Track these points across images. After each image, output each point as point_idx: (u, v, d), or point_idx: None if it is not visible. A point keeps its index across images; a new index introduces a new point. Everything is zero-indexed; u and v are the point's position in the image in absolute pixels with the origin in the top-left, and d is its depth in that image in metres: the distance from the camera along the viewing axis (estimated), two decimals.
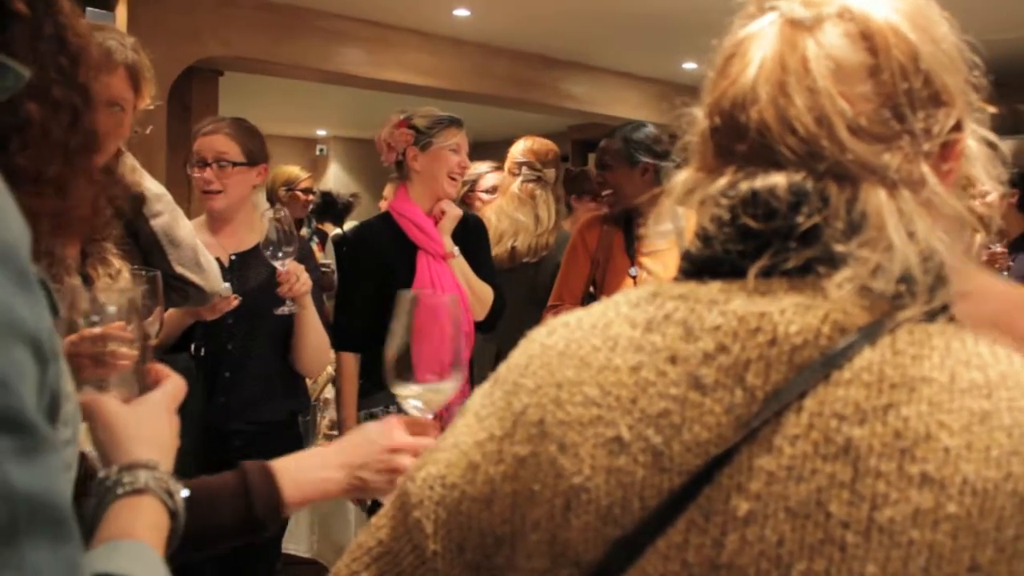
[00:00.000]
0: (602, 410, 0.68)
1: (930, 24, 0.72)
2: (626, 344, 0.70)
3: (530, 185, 3.55)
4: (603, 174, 2.95)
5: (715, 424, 0.65)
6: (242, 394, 2.56)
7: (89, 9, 3.93)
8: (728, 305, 0.69)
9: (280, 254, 2.38)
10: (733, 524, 0.64)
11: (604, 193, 2.98)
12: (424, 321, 1.27)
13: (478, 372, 3.33)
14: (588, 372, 0.70)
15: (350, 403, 2.84)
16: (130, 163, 1.97)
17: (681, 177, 0.77)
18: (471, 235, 2.95)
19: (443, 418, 2.79)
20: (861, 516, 0.61)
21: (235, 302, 2.38)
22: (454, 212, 2.85)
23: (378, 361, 2.82)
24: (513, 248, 3.48)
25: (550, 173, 3.57)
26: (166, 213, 1.98)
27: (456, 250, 2.83)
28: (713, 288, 0.71)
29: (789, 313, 0.67)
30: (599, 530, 0.67)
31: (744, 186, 0.70)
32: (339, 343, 2.81)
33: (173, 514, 0.86)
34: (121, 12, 4.04)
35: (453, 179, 2.84)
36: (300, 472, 1.10)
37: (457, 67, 5.81)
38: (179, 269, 2.01)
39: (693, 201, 0.74)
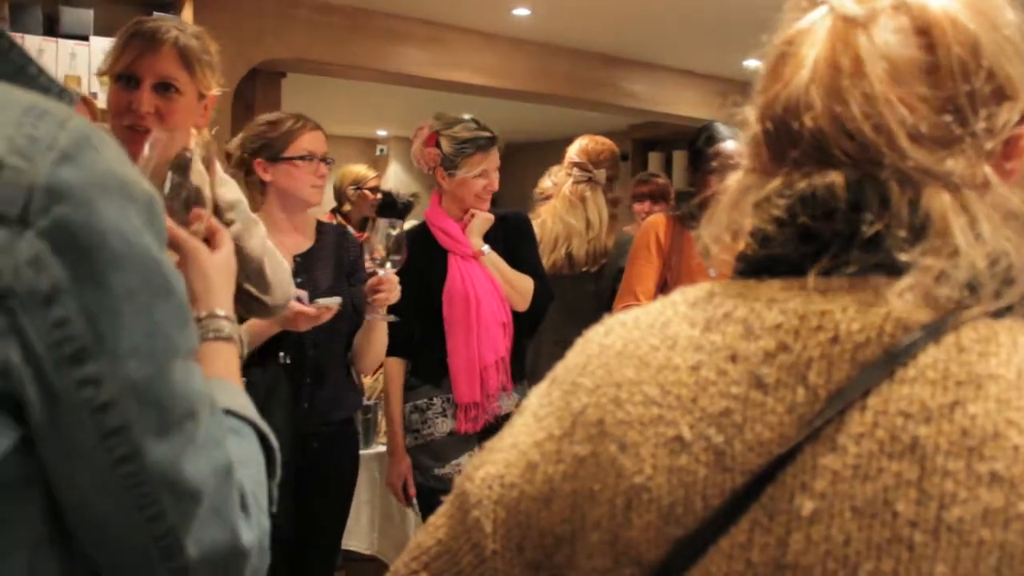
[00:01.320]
0: (662, 409, 0.68)
1: (993, 9, 0.69)
2: (685, 343, 0.70)
3: (580, 187, 3.52)
4: (708, 175, 2.85)
5: (777, 423, 0.65)
6: (322, 398, 2.61)
7: (156, 13, 4.00)
8: (788, 304, 0.68)
9: (388, 263, 2.46)
10: (798, 523, 0.63)
11: (705, 194, 2.87)
12: None
13: (542, 376, 3.33)
14: (648, 372, 0.70)
15: (395, 403, 2.94)
16: (198, 167, 1.92)
17: (735, 178, 0.76)
18: (511, 232, 3.00)
19: (486, 417, 2.84)
20: (929, 515, 0.60)
21: (336, 308, 2.41)
22: (483, 215, 2.89)
23: (421, 359, 2.91)
24: (569, 255, 3.46)
25: (601, 174, 3.52)
26: (238, 222, 1.92)
27: (486, 248, 2.87)
28: (772, 287, 0.70)
29: (851, 311, 0.66)
30: (661, 529, 0.66)
31: (801, 185, 0.69)
32: (387, 349, 2.90)
33: (241, 357, 1.11)
34: (187, 16, 4.11)
35: (480, 198, 2.87)
36: None
37: (516, 66, 5.81)
38: (244, 284, 1.95)
39: (748, 202, 0.73)
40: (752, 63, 6.58)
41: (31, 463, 0.68)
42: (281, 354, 2.51)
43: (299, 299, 2.35)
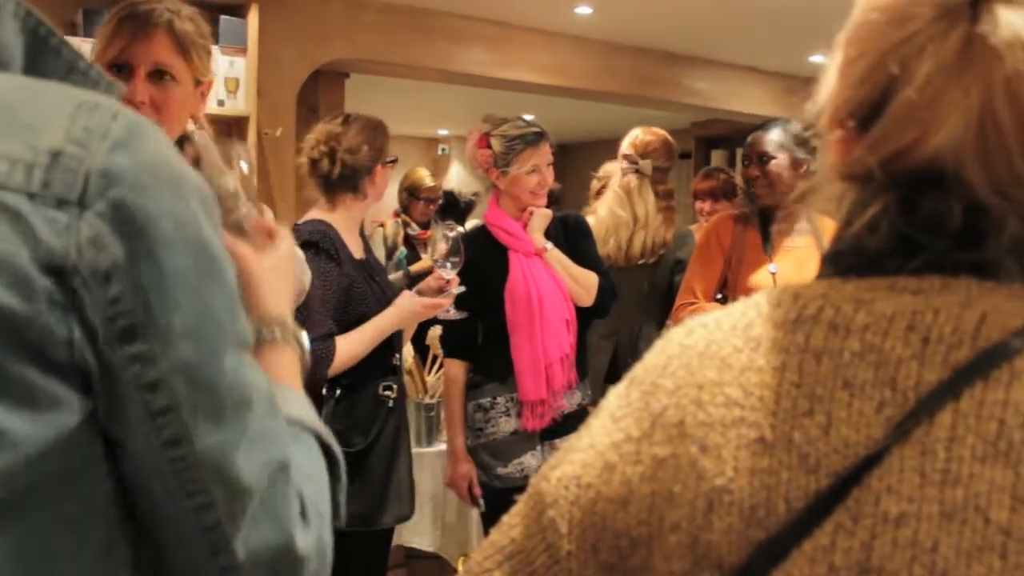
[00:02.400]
0: (745, 411, 0.67)
1: None
2: (769, 345, 0.68)
3: (626, 179, 3.52)
4: (762, 166, 2.87)
5: (864, 425, 0.63)
6: None
7: (223, 17, 4.06)
8: (875, 304, 0.66)
9: (448, 264, 2.56)
10: (883, 527, 0.61)
11: (757, 187, 2.88)
12: None
13: (592, 370, 3.34)
14: (730, 373, 0.69)
15: (456, 406, 2.98)
16: (208, 157, 1.86)
17: (827, 184, 0.74)
18: (571, 232, 3.03)
19: (552, 414, 2.86)
20: (1023, 524, 0.58)
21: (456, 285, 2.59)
22: (542, 211, 2.93)
23: (485, 358, 2.98)
24: (624, 247, 3.46)
25: (647, 164, 3.49)
26: (241, 210, 1.92)
27: (549, 244, 2.90)
28: (859, 287, 0.68)
29: (944, 312, 0.64)
30: (743, 532, 0.65)
31: (909, 200, 0.66)
32: (446, 350, 2.95)
33: (302, 359, 1.07)
34: (253, 19, 4.16)
35: (535, 194, 2.91)
36: None
37: (578, 65, 5.80)
38: None
39: (843, 209, 0.71)
40: (818, 58, 6.48)
41: (101, 441, 0.70)
42: (396, 355, 2.61)
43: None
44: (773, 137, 2.86)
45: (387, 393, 2.53)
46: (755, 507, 0.65)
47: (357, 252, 2.60)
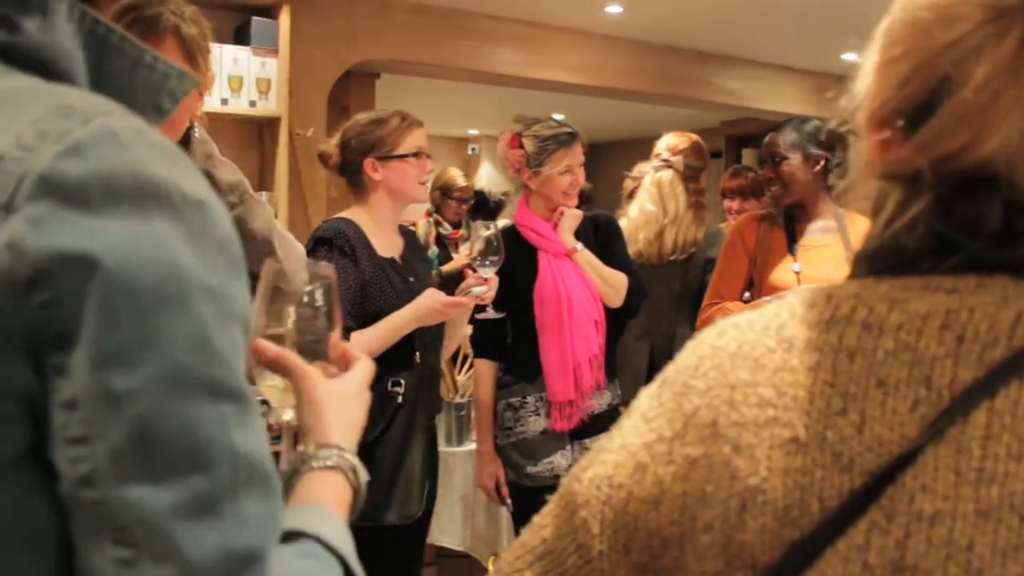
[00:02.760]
0: (778, 411, 0.67)
1: None
2: (802, 345, 0.68)
3: (659, 176, 3.56)
4: (775, 168, 2.88)
5: (898, 423, 0.63)
6: (432, 396, 2.69)
7: (254, 18, 4.09)
8: (909, 303, 0.66)
9: (487, 262, 2.55)
10: (918, 525, 0.61)
11: (772, 188, 2.91)
12: None
13: (631, 371, 3.34)
14: (763, 373, 0.69)
15: (485, 406, 3.00)
16: (202, 149, 1.89)
17: (863, 182, 0.73)
18: (601, 232, 3.04)
19: (580, 415, 2.85)
20: None
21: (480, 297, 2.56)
22: (572, 212, 2.93)
23: (514, 358, 2.99)
24: (655, 242, 3.47)
25: (679, 161, 3.53)
26: (240, 204, 1.90)
27: (579, 245, 2.91)
28: (893, 286, 0.68)
29: (979, 311, 0.63)
30: (776, 532, 0.65)
31: (948, 200, 0.65)
32: (477, 350, 2.97)
33: (356, 491, 0.97)
34: (284, 20, 4.19)
35: (567, 194, 2.92)
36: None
37: (609, 64, 5.79)
38: (252, 267, 1.95)
39: (886, 208, 0.70)
40: (850, 56, 6.44)
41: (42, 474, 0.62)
42: (417, 354, 2.58)
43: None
44: (785, 138, 2.89)
45: (395, 389, 2.49)
46: (789, 506, 0.64)
47: (386, 250, 2.59)
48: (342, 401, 1.03)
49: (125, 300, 0.59)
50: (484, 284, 2.56)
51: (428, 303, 2.46)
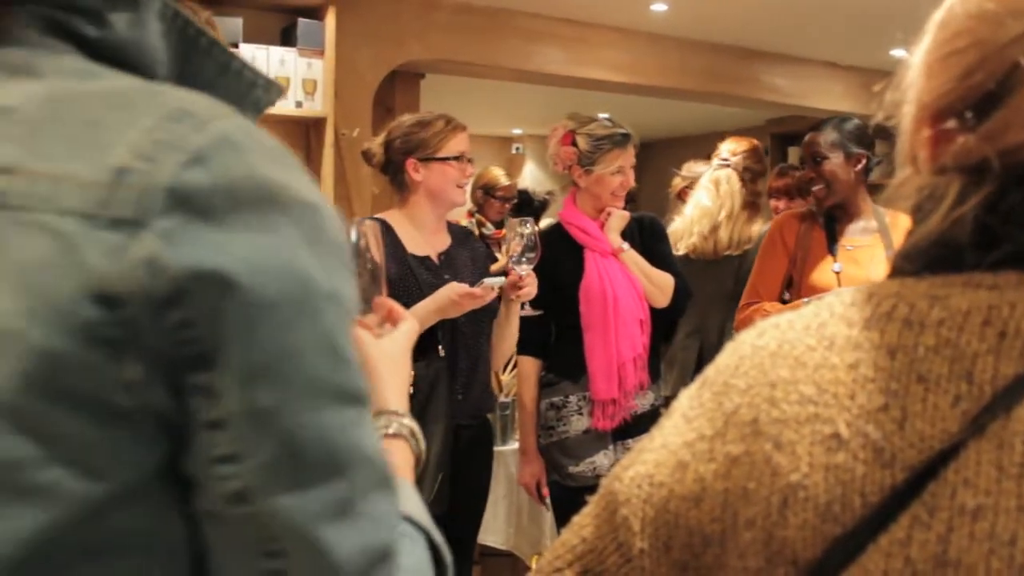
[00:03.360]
0: (819, 408, 0.67)
1: None
2: (843, 343, 0.68)
3: (715, 173, 3.63)
4: (816, 167, 2.86)
5: (940, 418, 0.63)
6: (473, 391, 2.69)
7: (300, 20, 4.13)
8: (950, 300, 0.66)
9: (524, 260, 2.56)
10: (960, 520, 0.61)
11: (815, 188, 2.89)
12: None
13: (680, 368, 3.33)
14: (803, 371, 0.69)
15: (529, 403, 2.98)
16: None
17: (911, 179, 0.72)
18: (646, 232, 3.04)
19: (623, 414, 2.84)
20: None
21: (498, 290, 2.56)
22: (620, 213, 2.93)
23: (558, 356, 2.99)
24: (709, 238, 3.49)
25: (737, 161, 3.59)
26: None
27: (626, 245, 2.90)
28: (933, 284, 0.67)
29: (1020, 307, 0.63)
30: (818, 528, 0.65)
31: (998, 194, 0.65)
32: (520, 348, 2.98)
33: (417, 457, 0.99)
34: (330, 21, 4.22)
35: (616, 195, 2.91)
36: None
37: (654, 63, 5.77)
38: None
39: (945, 201, 0.69)
40: (899, 52, 6.33)
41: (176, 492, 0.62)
42: (440, 347, 2.58)
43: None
44: (826, 137, 2.86)
45: None
46: (830, 502, 0.64)
47: (422, 248, 2.62)
48: (392, 363, 1.03)
49: (262, 315, 0.59)
50: (501, 277, 2.57)
51: (447, 294, 2.49)
